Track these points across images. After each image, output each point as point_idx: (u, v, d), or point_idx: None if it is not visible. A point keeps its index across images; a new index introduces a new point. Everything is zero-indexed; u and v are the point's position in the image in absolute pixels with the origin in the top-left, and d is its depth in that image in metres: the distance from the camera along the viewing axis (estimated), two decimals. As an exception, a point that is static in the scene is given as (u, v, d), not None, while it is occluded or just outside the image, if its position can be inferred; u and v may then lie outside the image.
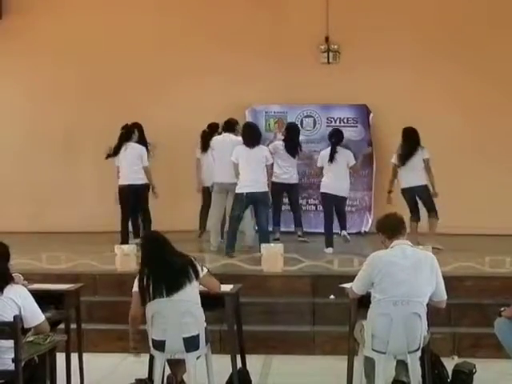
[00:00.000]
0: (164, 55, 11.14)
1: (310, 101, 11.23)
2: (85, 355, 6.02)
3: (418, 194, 9.19)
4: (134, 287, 5.25)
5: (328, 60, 11.28)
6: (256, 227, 9.03)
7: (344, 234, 9.26)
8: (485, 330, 6.31)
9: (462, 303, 6.96)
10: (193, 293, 5.19)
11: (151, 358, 5.37)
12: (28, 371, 4.76)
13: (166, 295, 5.10)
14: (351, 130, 11.01)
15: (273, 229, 10.11)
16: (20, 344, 4.60)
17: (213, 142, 9.38)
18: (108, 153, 9.46)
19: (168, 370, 5.42)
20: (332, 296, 7.15)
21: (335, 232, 9.30)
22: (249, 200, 8.62)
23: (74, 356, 5.81)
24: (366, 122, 11.25)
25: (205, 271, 5.33)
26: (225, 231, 9.38)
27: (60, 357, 5.43)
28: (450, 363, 5.84)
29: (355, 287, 5.24)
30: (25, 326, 4.77)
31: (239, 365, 5.76)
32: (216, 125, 9.96)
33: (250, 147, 8.61)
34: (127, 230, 9.46)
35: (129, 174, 9.30)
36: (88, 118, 11.29)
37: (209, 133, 9.94)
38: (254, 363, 6.27)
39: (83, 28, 11.24)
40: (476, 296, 7.21)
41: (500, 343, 5.40)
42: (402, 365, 5.18)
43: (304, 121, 11.34)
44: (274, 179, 9.83)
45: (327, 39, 11.22)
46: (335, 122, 11.19)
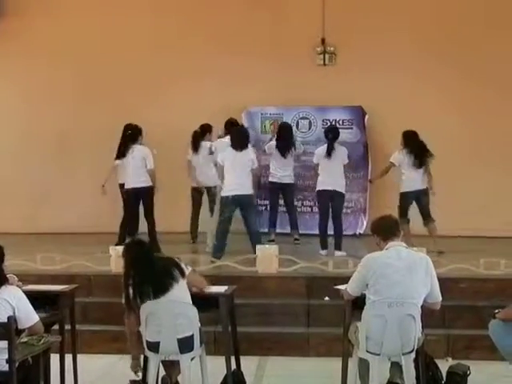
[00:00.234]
0: (160, 57, 11.14)
1: (306, 102, 11.25)
2: (79, 356, 6.00)
3: (420, 198, 9.11)
4: (122, 299, 5.23)
5: (324, 62, 11.30)
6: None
7: (339, 255, 8.75)
8: (479, 332, 6.31)
9: (457, 305, 6.96)
10: (181, 293, 5.18)
11: (145, 360, 5.37)
12: (22, 372, 4.75)
13: (153, 298, 5.09)
14: (347, 132, 11.01)
15: (268, 230, 10.11)
16: (14, 345, 4.60)
17: (216, 145, 9.33)
18: (117, 154, 9.31)
19: (162, 372, 5.42)
20: (327, 297, 7.15)
21: (330, 234, 9.26)
22: (235, 203, 8.49)
23: (68, 357, 5.81)
24: (362, 124, 11.25)
25: (190, 269, 5.34)
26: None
27: (54, 358, 5.42)
28: (444, 365, 5.84)
29: (350, 289, 5.25)
30: (19, 327, 4.77)
31: (233, 366, 5.75)
32: (208, 126, 9.94)
33: (238, 150, 8.52)
34: (125, 233, 9.41)
35: (134, 177, 9.20)
36: (83, 120, 11.29)
37: (200, 134, 9.91)
38: (249, 365, 6.27)
39: (79, 30, 11.25)
40: (470, 298, 7.21)
41: (494, 345, 5.39)
42: (397, 366, 5.17)
43: (300, 122, 11.35)
44: (270, 179, 9.93)
45: (323, 41, 11.25)
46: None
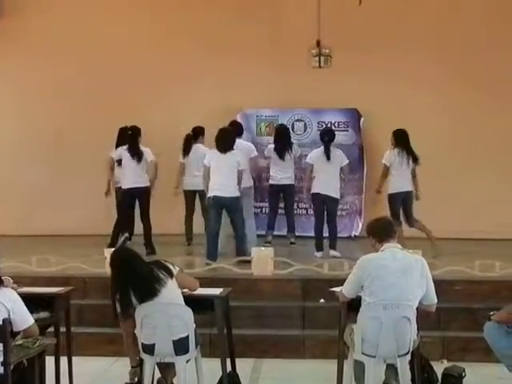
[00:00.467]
0: (156, 59, 11.13)
1: (301, 105, 11.25)
2: (74, 359, 5.99)
3: (406, 199, 9.07)
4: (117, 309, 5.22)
5: (319, 64, 11.29)
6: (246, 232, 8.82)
7: (333, 255, 8.81)
8: (474, 334, 6.31)
9: (452, 307, 6.97)
10: (173, 294, 5.16)
11: (141, 362, 5.36)
12: (17, 375, 4.73)
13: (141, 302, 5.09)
14: (342, 134, 10.99)
15: (266, 232, 10.11)
16: (9, 347, 4.58)
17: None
18: (133, 154, 9.27)
19: (158, 374, 5.41)
20: (322, 300, 7.15)
21: (325, 236, 9.25)
22: (218, 204, 8.36)
23: (64, 359, 5.80)
24: (357, 126, 11.26)
25: (177, 269, 5.30)
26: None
27: (49, 360, 5.40)
28: (440, 367, 5.86)
29: (345, 291, 5.25)
30: (14, 330, 4.75)
31: (229, 368, 5.75)
32: (201, 128, 9.92)
33: (222, 152, 8.41)
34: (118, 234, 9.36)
35: (132, 178, 9.23)
36: (80, 121, 11.25)
37: (193, 136, 9.90)
38: (244, 367, 6.26)
39: (77, 30, 11.21)
40: (466, 300, 7.22)
41: (489, 347, 5.40)
42: (392, 368, 5.17)
43: (295, 125, 11.35)
44: (271, 181, 10.05)
45: (319, 43, 11.21)
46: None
